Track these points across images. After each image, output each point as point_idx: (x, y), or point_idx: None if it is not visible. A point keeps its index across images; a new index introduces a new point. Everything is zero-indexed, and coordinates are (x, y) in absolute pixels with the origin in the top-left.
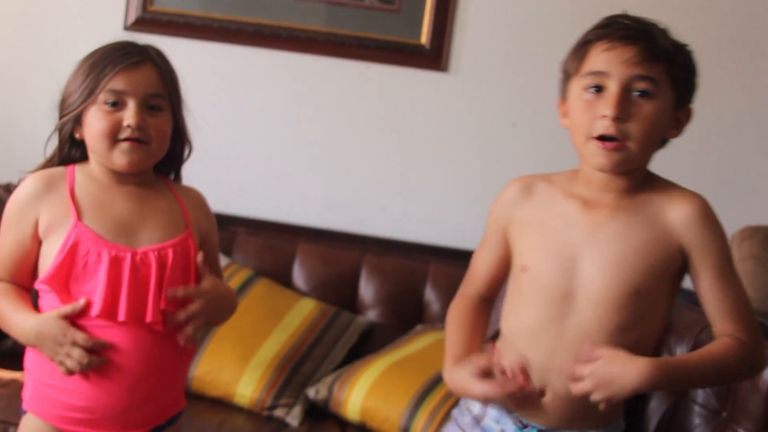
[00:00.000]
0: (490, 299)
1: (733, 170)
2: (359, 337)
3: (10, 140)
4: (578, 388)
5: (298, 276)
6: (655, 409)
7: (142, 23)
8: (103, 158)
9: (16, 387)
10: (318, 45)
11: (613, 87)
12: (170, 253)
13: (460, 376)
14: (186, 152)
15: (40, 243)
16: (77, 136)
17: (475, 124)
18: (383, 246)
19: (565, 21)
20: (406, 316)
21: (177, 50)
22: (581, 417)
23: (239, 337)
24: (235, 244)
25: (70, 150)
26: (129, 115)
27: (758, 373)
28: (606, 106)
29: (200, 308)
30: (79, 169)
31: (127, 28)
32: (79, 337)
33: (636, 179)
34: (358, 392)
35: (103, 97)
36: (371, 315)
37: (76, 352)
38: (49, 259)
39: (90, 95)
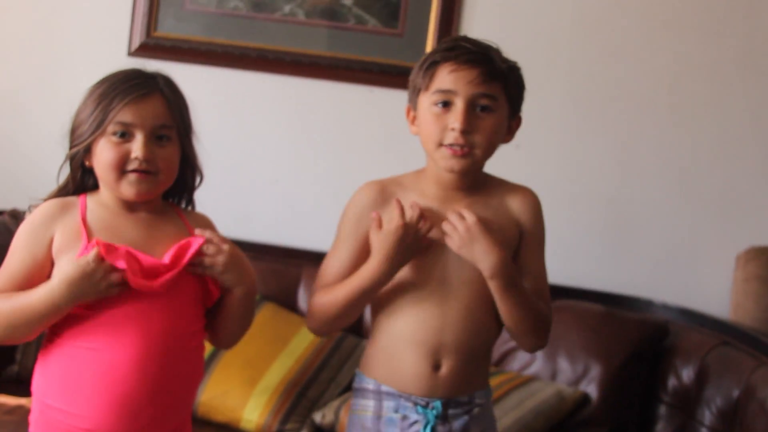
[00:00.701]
0: None
1: (737, 190)
2: None
3: (14, 166)
4: (450, 228)
5: (303, 300)
6: (662, 430)
7: (146, 49)
8: (112, 188)
9: (22, 413)
10: (321, 69)
11: (459, 104)
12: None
13: (375, 240)
14: (197, 180)
15: (52, 264)
16: (88, 164)
17: None
18: None
19: (566, 44)
20: None
21: (181, 75)
22: (469, 381)
23: (245, 362)
24: None
25: (83, 178)
26: (137, 147)
27: (539, 346)
28: (455, 120)
29: (220, 253)
30: (90, 197)
31: (131, 53)
32: (106, 264)
33: (478, 177)
34: None
35: (111, 128)
36: None
37: (114, 276)
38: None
39: (99, 127)
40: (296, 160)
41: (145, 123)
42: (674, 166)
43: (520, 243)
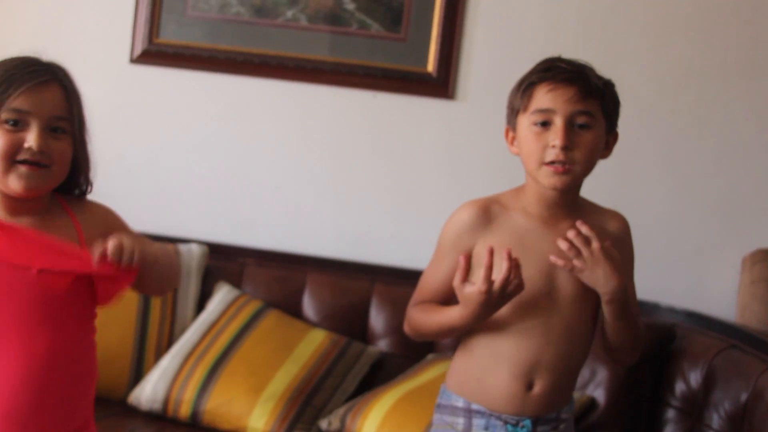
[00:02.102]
0: None
1: (742, 193)
2: (371, 368)
3: None
4: (573, 263)
5: (308, 307)
6: None
7: (149, 56)
8: None
9: None
10: (324, 74)
11: (558, 122)
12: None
13: (460, 295)
14: (87, 185)
15: None
16: None
17: (483, 152)
18: (393, 275)
19: (572, 48)
20: (418, 345)
21: (183, 82)
22: (558, 398)
23: (250, 370)
24: (245, 275)
25: None
26: (31, 137)
27: (635, 360)
28: (555, 137)
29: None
30: None
31: (133, 60)
32: None
33: (576, 195)
34: (371, 423)
35: (4, 115)
36: (382, 345)
37: None
38: None
39: None
40: (299, 166)
41: (42, 112)
42: (679, 169)
43: None
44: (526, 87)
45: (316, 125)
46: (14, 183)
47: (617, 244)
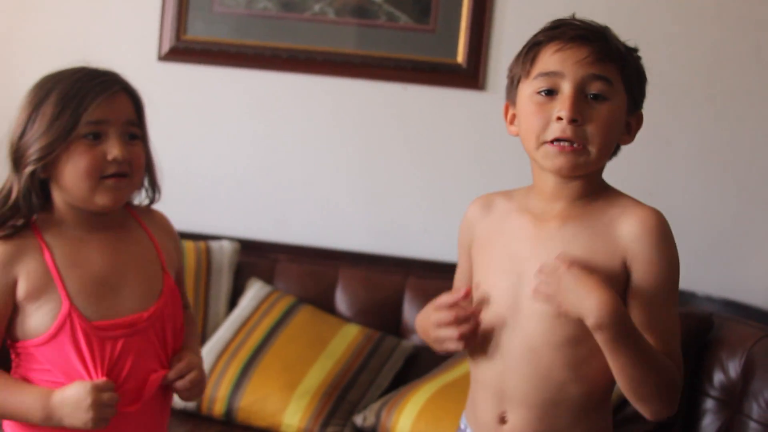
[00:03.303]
0: None
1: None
2: (405, 362)
3: None
4: (538, 288)
5: (341, 302)
6: (708, 426)
7: (176, 53)
8: (82, 199)
9: None
10: (353, 68)
11: (567, 88)
12: (166, 318)
13: (424, 313)
14: (156, 192)
15: (15, 309)
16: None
17: (514, 142)
18: (426, 269)
19: None
20: None
21: (212, 78)
22: None
23: (284, 366)
24: (276, 271)
25: (31, 199)
26: (113, 148)
27: (667, 412)
28: (561, 108)
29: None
30: (42, 224)
31: (161, 58)
32: (100, 383)
33: (588, 186)
34: (406, 418)
35: (83, 130)
36: (416, 339)
37: (107, 396)
38: (35, 330)
39: (71, 132)
40: (329, 161)
41: (118, 121)
42: (715, 157)
43: (629, 284)
44: (529, 48)
45: (346, 119)
46: (102, 198)
47: (629, 251)
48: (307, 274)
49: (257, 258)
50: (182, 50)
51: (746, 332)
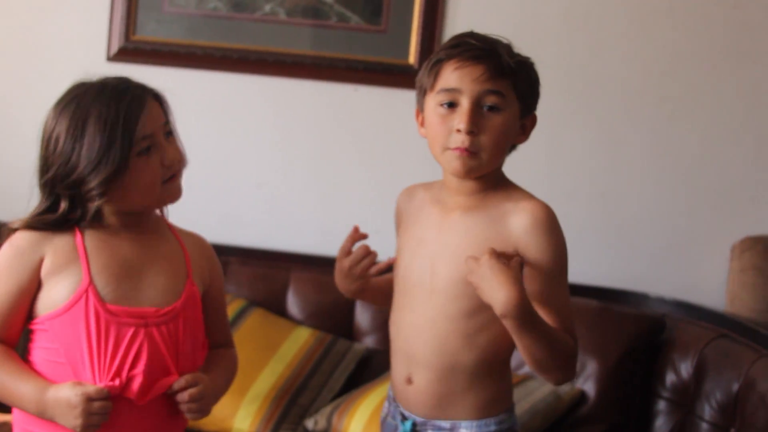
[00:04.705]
0: None
1: (730, 180)
2: (357, 365)
3: None
4: (470, 277)
5: (293, 304)
6: (661, 427)
7: (126, 53)
8: (150, 207)
9: (5, 430)
10: (305, 69)
11: (465, 103)
12: (180, 321)
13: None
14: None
15: (39, 286)
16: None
17: None
18: None
19: (554, 37)
20: None
21: (162, 79)
22: (447, 405)
23: None
24: (228, 273)
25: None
26: (166, 153)
27: (566, 379)
28: (460, 120)
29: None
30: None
31: (110, 58)
32: (93, 391)
33: (486, 182)
34: (357, 422)
35: (137, 149)
36: (368, 341)
37: (98, 405)
38: (53, 302)
39: (129, 157)
40: (281, 162)
41: (159, 128)
42: (667, 158)
43: (523, 269)
44: (433, 64)
45: (298, 120)
46: (169, 198)
47: (521, 241)
48: (258, 277)
49: None
50: (131, 51)
51: (698, 333)
